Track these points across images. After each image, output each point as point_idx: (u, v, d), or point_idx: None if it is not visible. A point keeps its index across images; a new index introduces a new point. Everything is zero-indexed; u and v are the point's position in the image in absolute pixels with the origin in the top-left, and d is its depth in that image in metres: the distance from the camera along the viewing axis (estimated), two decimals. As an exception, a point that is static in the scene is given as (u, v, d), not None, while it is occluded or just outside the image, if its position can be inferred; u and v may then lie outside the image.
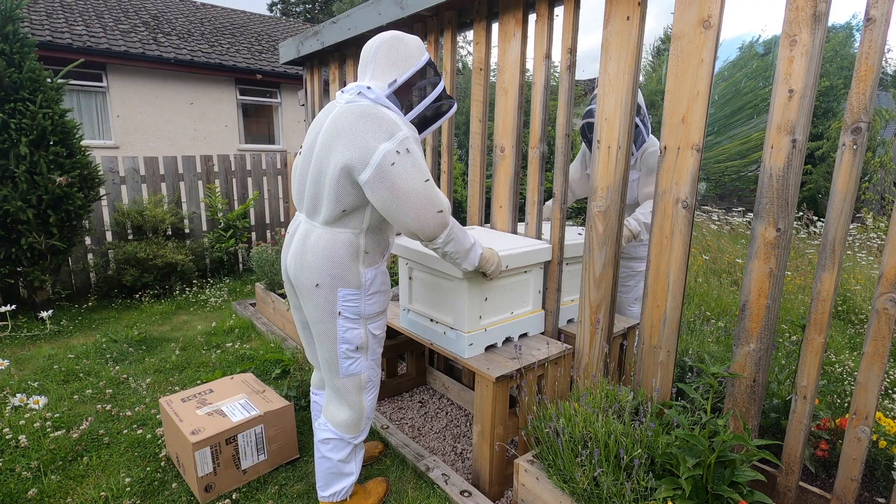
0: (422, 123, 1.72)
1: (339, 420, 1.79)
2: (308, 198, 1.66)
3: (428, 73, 1.71)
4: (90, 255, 4.69)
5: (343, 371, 1.73)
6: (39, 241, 3.78)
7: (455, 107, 1.80)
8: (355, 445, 1.84)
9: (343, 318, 1.67)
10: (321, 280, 1.62)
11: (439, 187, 2.87)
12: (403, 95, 1.67)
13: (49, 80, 3.85)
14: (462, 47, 17.92)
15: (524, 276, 2.17)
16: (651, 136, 2.67)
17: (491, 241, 2.35)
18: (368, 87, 1.60)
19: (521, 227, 2.47)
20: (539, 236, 2.31)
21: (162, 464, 2.21)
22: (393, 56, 1.64)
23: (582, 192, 2.93)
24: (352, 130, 1.52)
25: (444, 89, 1.74)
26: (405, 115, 1.66)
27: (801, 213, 5.51)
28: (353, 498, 1.90)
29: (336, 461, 1.81)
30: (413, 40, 1.68)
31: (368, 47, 1.67)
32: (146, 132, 8.77)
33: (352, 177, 1.54)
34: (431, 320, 2.18)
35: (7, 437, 2.31)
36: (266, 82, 10.04)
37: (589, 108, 2.59)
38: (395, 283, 2.96)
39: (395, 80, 1.63)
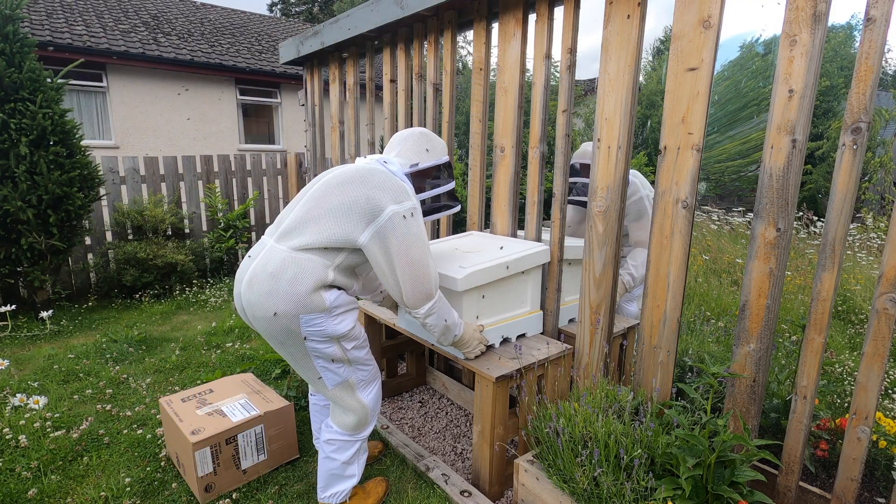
0: (426, 212, 1.88)
1: (346, 423, 1.80)
2: (289, 222, 1.64)
3: (443, 172, 1.90)
4: (90, 255, 4.69)
5: (330, 384, 1.74)
6: (39, 241, 3.78)
7: (458, 208, 1.98)
8: (359, 446, 1.85)
9: (311, 341, 1.64)
10: (280, 308, 1.56)
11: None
12: (418, 180, 1.83)
13: (49, 80, 3.85)
14: (462, 47, 17.91)
15: (522, 276, 2.17)
16: (635, 180, 2.48)
17: (489, 245, 2.36)
18: (386, 161, 1.76)
19: (521, 233, 2.47)
20: (538, 238, 2.31)
21: (162, 464, 2.21)
22: (420, 145, 1.85)
23: (580, 235, 2.67)
24: (368, 181, 1.62)
25: (454, 190, 1.94)
26: (417, 195, 1.80)
27: (801, 213, 5.51)
28: (352, 499, 1.90)
29: (340, 462, 1.82)
30: (440, 141, 1.92)
31: (399, 134, 1.89)
32: (146, 132, 8.78)
33: (354, 233, 1.58)
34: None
35: (7, 437, 2.31)
36: (266, 82, 10.04)
37: (572, 163, 2.55)
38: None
39: (418, 164, 1.82)
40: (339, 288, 1.69)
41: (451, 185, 1.91)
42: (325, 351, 1.67)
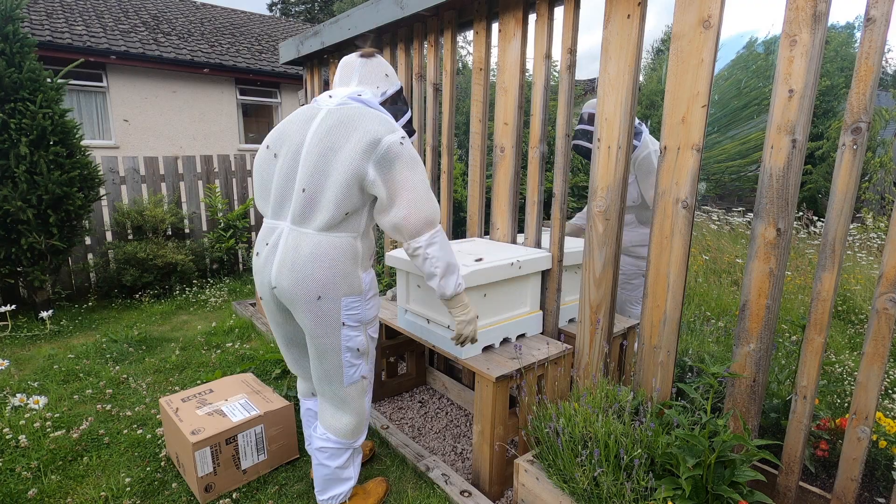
0: None
1: (340, 428, 1.74)
2: (298, 202, 1.56)
3: (401, 96, 1.82)
4: (90, 255, 4.69)
5: (347, 379, 1.69)
6: (39, 241, 3.78)
7: (415, 136, 1.90)
8: (354, 450, 1.81)
9: (347, 328, 1.62)
10: (325, 291, 1.54)
11: (439, 187, 2.87)
12: (388, 107, 1.74)
13: (49, 80, 3.85)
14: (462, 47, 17.91)
15: (522, 277, 2.17)
16: (644, 135, 2.69)
17: (490, 251, 2.36)
18: (359, 94, 1.64)
19: (521, 237, 2.47)
20: (538, 243, 2.31)
21: (162, 464, 2.21)
22: (379, 71, 1.74)
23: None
24: (356, 122, 1.53)
25: (411, 118, 1.88)
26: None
27: (801, 213, 5.51)
28: (352, 499, 1.90)
29: (334, 468, 1.78)
30: (390, 66, 1.82)
31: (351, 59, 1.74)
32: (146, 132, 8.78)
33: (361, 172, 1.51)
34: (428, 321, 2.18)
35: (7, 437, 2.31)
36: (266, 82, 10.04)
37: (578, 127, 2.73)
38: (392, 283, 2.96)
39: (386, 91, 1.73)
40: (368, 269, 1.67)
41: (410, 114, 1.86)
42: (355, 339, 1.64)
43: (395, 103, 1.78)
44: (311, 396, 1.96)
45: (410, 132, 1.82)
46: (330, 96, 1.66)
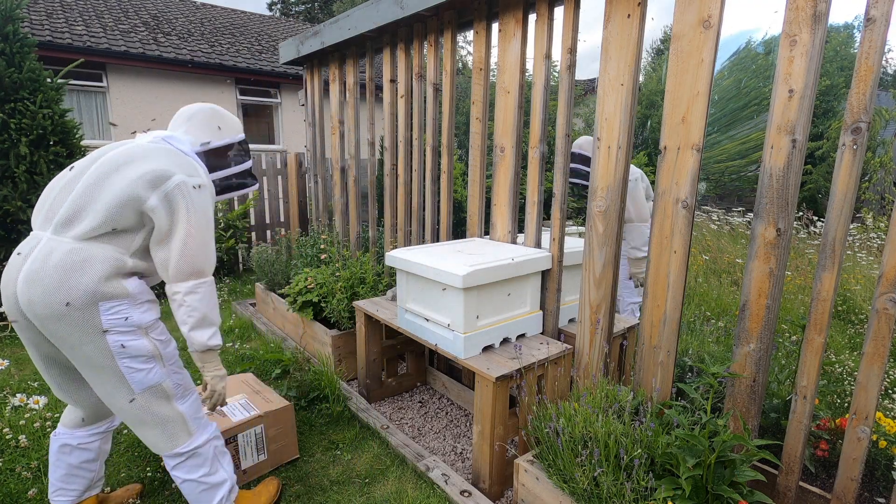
0: (221, 190, 1.82)
1: (161, 445, 1.58)
2: (66, 210, 1.47)
3: (239, 150, 1.84)
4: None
5: (138, 385, 1.51)
6: (39, 241, 3.77)
7: (255, 186, 1.94)
8: (212, 453, 1.65)
9: (115, 334, 1.46)
10: (73, 297, 1.40)
11: (439, 187, 2.87)
12: (212, 159, 1.76)
13: (49, 80, 3.85)
14: (462, 47, 17.91)
15: (522, 278, 2.17)
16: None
17: (490, 251, 2.36)
18: (171, 138, 1.67)
19: (521, 237, 2.47)
20: (538, 243, 2.31)
21: (162, 464, 2.21)
22: (212, 122, 1.76)
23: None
24: (154, 156, 1.54)
25: (251, 169, 1.90)
26: (211, 174, 1.74)
27: (801, 213, 5.52)
28: (240, 501, 1.82)
29: (198, 479, 1.62)
30: (233, 118, 1.86)
31: (185, 110, 1.77)
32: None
33: (141, 198, 1.46)
34: (427, 320, 2.18)
35: (7, 437, 2.31)
36: (266, 82, 10.04)
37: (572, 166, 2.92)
38: (392, 283, 2.96)
39: (209, 142, 1.74)
40: (141, 276, 1.58)
41: (248, 164, 1.87)
42: (133, 345, 1.49)
43: (224, 157, 1.79)
44: (77, 426, 1.72)
45: (240, 185, 1.86)
46: (145, 132, 1.73)
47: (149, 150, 1.57)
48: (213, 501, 1.65)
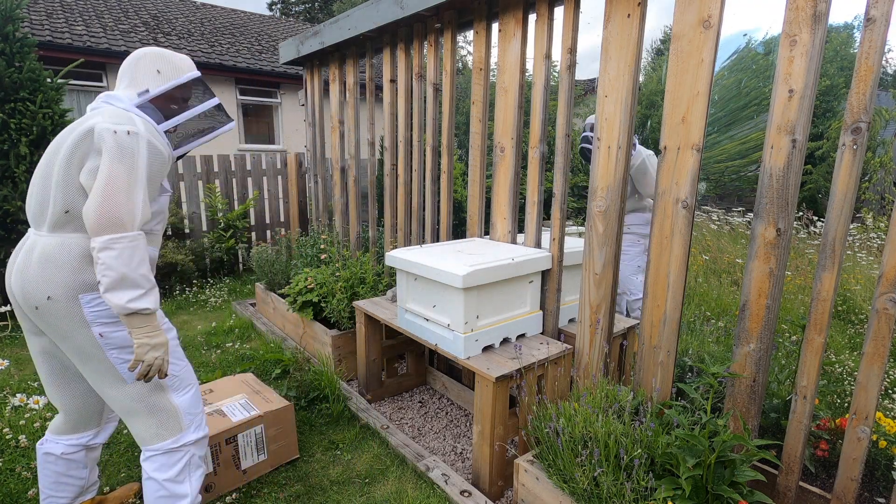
0: (186, 138, 1.67)
1: (147, 436, 1.54)
2: (34, 204, 1.49)
3: (194, 91, 1.67)
4: (90, 255, 4.68)
5: (130, 377, 1.50)
6: (39, 241, 3.78)
7: (232, 124, 1.74)
8: (188, 459, 1.58)
9: (100, 325, 1.45)
10: (53, 290, 1.41)
11: (439, 187, 2.87)
12: (164, 109, 1.60)
13: (49, 80, 3.85)
14: (462, 47, 17.91)
15: (523, 278, 2.17)
16: (638, 148, 3.09)
17: (489, 251, 2.36)
18: (111, 97, 1.54)
19: (521, 237, 2.47)
20: (538, 243, 2.31)
21: (162, 464, 2.21)
22: (150, 67, 1.59)
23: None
24: (89, 121, 1.44)
25: (217, 107, 1.70)
26: (159, 124, 1.57)
27: (801, 213, 5.52)
28: None
29: (161, 481, 1.54)
30: (180, 57, 1.65)
31: (126, 60, 1.61)
32: (146, 132, 8.76)
33: (78, 165, 1.42)
34: (427, 320, 2.18)
35: (7, 437, 2.31)
36: (266, 82, 10.04)
37: (584, 135, 3.08)
38: (392, 283, 2.96)
39: (147, 90, 1.57)
40: None
41: (210, 104, 1.68)
42: (119, 335, 1.47)
43: (174, 101, 1.62)
44: (66, 433, 1.69)
45: (207, 129, 1.69)
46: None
47: (81, 120, 1.48)
48: None
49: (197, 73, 1.66)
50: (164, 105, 1.60)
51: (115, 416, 1.77)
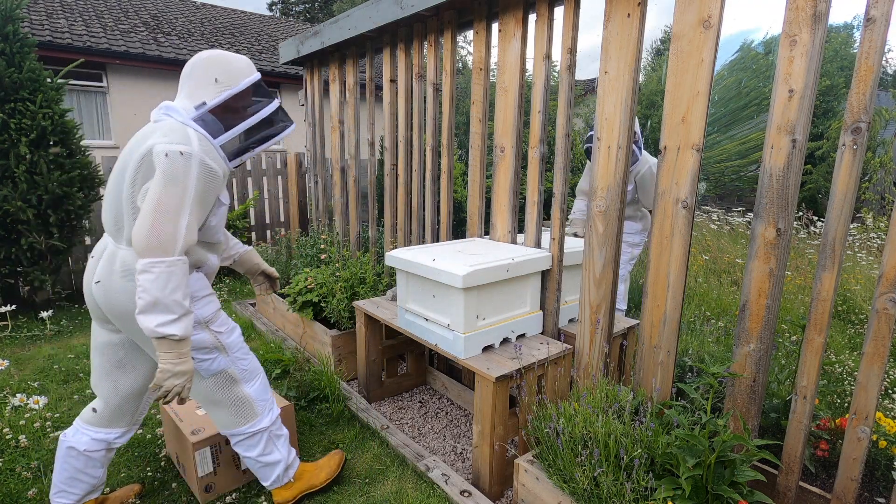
0: (250, 146, 1.66)
1: (222, 422, 1.73)
2: (110, 219, 1.54)
3: (253, 96, 1.63)
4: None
5: (205, 372, 1.64)
6: (39, 241, 3.78)
7: (292, 126, 1.71)
8: (267, 437, 1.78)
9: None
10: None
11: (439, 187, 2.87)
12: (224, 119, 1.58)
13: (49, 80, 3.85)
14: (462, 47, 17.92)
15: (523, 278, 2.17)
16: (644, 155, 3.14)
17: (489, 251, 2.36)
18: (170, 110, 1.54)
19: (521, 237, 2.47)
20: (538, 243, 2.31)
21: (162, 464, 2.21)
22: (208, 75, 1.55)
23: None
24: (150, 139, 1.46)
25: (278, 110, 1.67)
26: (216, 137, 1.56)
27: (801, 213, 5.52)
28: (299, 480, 1.92)
29: (255, 458, 1.78)
30: (237, 59, 1.60)
31: (185, 67, 1.59)
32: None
33: (138, 184, 1.46)
34: (427, 320, 2.18)
35: (7, 437, 2.31)
36: (266, 82, 10.03)
37: (589, 134, 3.13)
38: (392, 283, 2.97)
39: (205, 103, 1.55)
40: (199, 269, 1.63)
41: (269, 110, 1.65)
42: (195, 338, 1.57)
43: (235, 111, 1.59)
44: (98, 426, 1.73)
45: (269, 136, 1.67)
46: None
47: (145, 134, 1.50)
48: (270, 477, 1.83)
49: (254, 77, 1.62)
50: (223, 114, 1.58)
51: (139, 421, 1.85)
